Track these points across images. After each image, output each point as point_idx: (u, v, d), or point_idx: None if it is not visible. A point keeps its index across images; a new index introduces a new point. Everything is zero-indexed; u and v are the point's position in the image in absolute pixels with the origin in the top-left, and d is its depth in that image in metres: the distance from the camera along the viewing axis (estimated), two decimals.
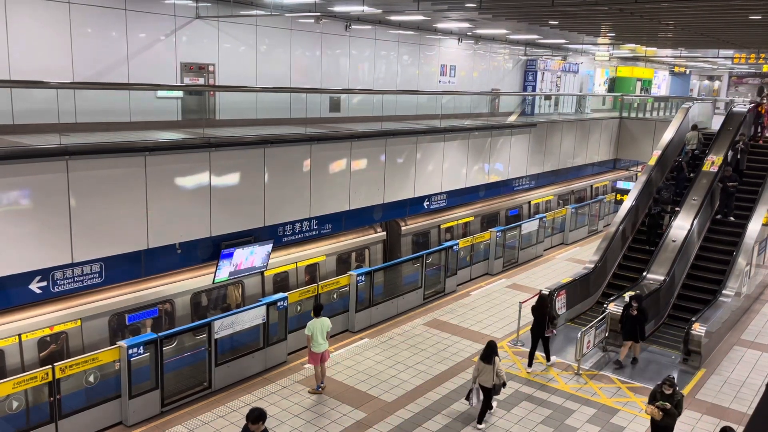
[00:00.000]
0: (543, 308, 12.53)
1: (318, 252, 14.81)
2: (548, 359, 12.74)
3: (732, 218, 17.19)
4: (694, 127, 20.40)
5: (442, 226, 18.60)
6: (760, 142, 20.38)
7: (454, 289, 16.92)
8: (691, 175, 18.59)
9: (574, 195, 25.77)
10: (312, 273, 14.78)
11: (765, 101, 21.66)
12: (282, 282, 14.10)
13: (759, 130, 20.82)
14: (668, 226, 16.70)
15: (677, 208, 17.10)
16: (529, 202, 22.76)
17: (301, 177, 13.31)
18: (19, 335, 9.81)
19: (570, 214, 22.82)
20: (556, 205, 24.24)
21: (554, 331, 12.76)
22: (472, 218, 19.78)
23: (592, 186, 27.13)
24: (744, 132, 19.75)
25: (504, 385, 10.47)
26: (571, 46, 27.17)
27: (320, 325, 11.19)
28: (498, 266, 18.77)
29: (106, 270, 10.35)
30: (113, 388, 9.91)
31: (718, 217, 17.48)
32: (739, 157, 18.54)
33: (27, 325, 9.92)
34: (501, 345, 13.52)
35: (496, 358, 10.27)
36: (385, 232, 16.72)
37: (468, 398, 10.53)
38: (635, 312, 12.58)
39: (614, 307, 13.61)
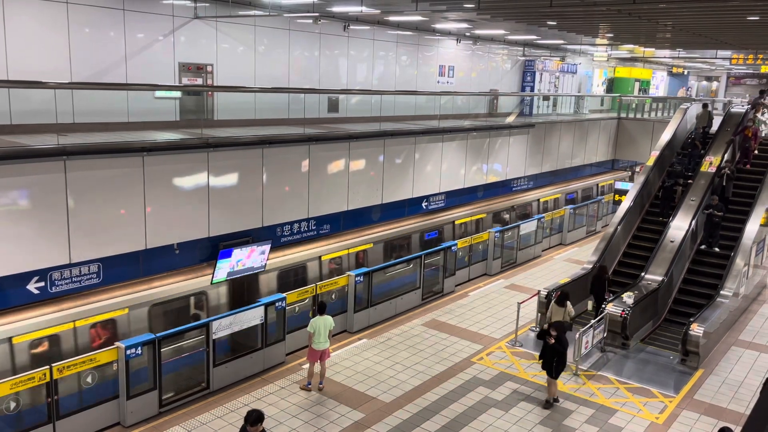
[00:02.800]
0: (602, 275, 14.73)
1: (115, 304, 10.57)
2: (603, 309, 13.84)
3: (717, 249, 16.17)
4: (705, 106, 21.31)
5: (323, 258, 14.33)
6: (748, 167, 18.91)
7: (452, 289, 16.92)
8: (702, 151, 19.40)
9: (526, 210, 22.44)
10: (107, 333, 10.73)
11: (762, 103, 21.60)
12: (49, 350, 10.09)
13: (746, 154, 19.06)
14: (680, 198, 17.61)
15: (690, 181, 18.03)
16: (453, 222, 18.55)
17: (300, 177, 13.31)
18: None
19: (568, 215, 22.83)
20: (501, 222, 20.70)
21: (610, 295, 14.53)
22: (370, 245, 15.62)
23: (538, 199, 23.68)
24: (729, 159, 18.53)
25: (573, 319, 12.85)
26: (569, 46, 27.19)
27: (323, 323, 11.20)
28: (496, 267, 18.77)
29: (103, 270, 10.33)
30: (111, 389, 9.89)
31: (703, 247, 16.48)
32: (725, 184, 17.24)
33: None
34: (499, 345, 13.54)
35: (568, 302, 12.68)
36: None
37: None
38: (552, 341, 10.93)
39: (612, 308, 13.62)
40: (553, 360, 10.98)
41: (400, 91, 19.95)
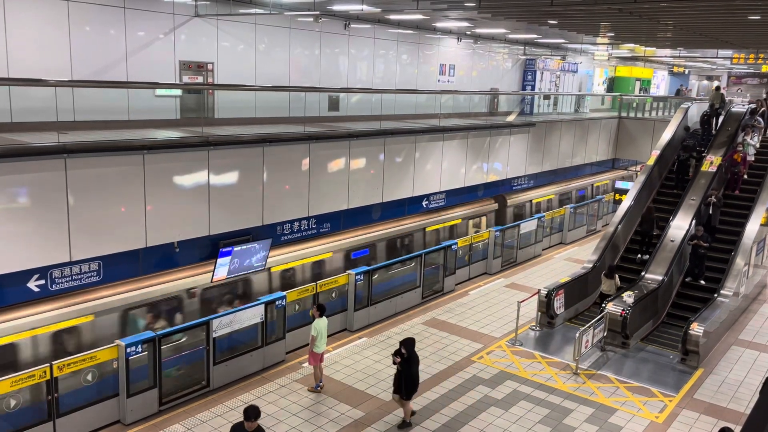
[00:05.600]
0: (650, 214, 16.66)
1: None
2: (648, 254, 16.17)
3: (703, 282, 15.51)
4: (717, 89, 22.57)
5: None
6: (737, 192, 18.06)
7: (452, 288, 16.92)
8: (713, 132, 20.47)
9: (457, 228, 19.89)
10: None
11: (763, 108, 21.53)
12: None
13: (735, 180, 18.21)
14: (694, 170, 18.65)
15: (703, 153, 19.11)
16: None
17: (300, 176, 13.30)
18: None
19: (568, 214, 22.83)
20: (389, 251, 17.01)
21: (658, 231, 16.43)
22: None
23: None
24: (716, 187, 17.53)
25: (618, 289, 14.62)
26: (570, 45, 27.18)
27: (324, 326, 11.20)
28: (496, 266, 18.77)
29: (104, 268, 10.34)
30: (111, 387, 9.90)
31: (688, 279, 15.78)
32: (711, 212, 16.44)
33: None
34: (499, 344, 13.54)
35: (616, 275, 14.82)
36: None
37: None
38: (398, 359, 9.88)
39: (612, 307, 13.62)
40: (401, 380, 10.03)
41: (401, 89, 19.94)
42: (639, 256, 16.68)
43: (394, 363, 10.07)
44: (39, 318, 10.00)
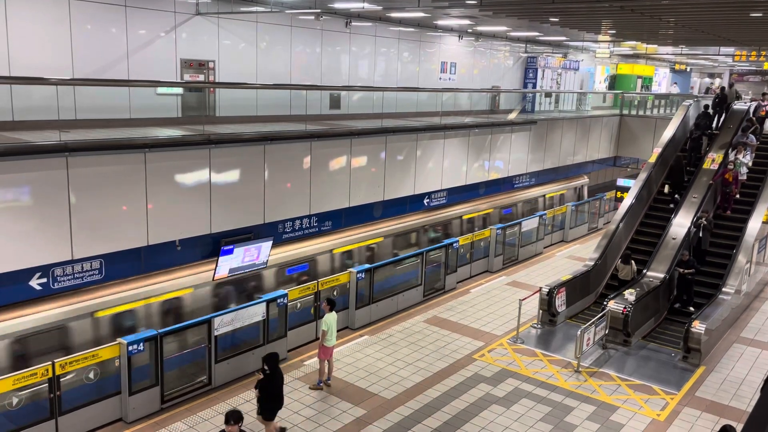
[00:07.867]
0: (680, 164, 18.33)
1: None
2: (678, 196, 17.68)
3: (692, 308, 14.95)
4: (731, 86, 23.86)
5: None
6: (728, 213, 17.57)
7: (453, 286, 16.92)
8: (721, 120, 21.33)
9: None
10: None
11: (765, 103, 21.49)
12: None
13: (727, 199, 17.64)
14: (705, 150, 19.61)
15: (715, 131, 20.46)
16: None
17: (301, 174, 13.30)
18: None
19: (570, 212, 22.83)
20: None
21: (686, 183, 17.88)
22: None
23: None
24: (707, 210, 17.12)
25: (636, 273, 15.30)
26: (571, 43, 27.14)
27: (334, 320, 11.22)
28: (498, 263, 18.76)
29: (105, 267, 10.35)
30: (113, 385, 9.91)
31: (677, 305, 15.37)
32: (701, 235, 15.96)
33: None
34: (501, 342, 13.55)
35: (632, 261, 15.21)
36: None
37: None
38: (260, 375, 9.15)
39: (614, 305, 13.62)
40: (265, 398, 9.15)
41: (402, 87, 19.92)
42: (674, 195, 18.23)
43: (257, 375, 9.38)
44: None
